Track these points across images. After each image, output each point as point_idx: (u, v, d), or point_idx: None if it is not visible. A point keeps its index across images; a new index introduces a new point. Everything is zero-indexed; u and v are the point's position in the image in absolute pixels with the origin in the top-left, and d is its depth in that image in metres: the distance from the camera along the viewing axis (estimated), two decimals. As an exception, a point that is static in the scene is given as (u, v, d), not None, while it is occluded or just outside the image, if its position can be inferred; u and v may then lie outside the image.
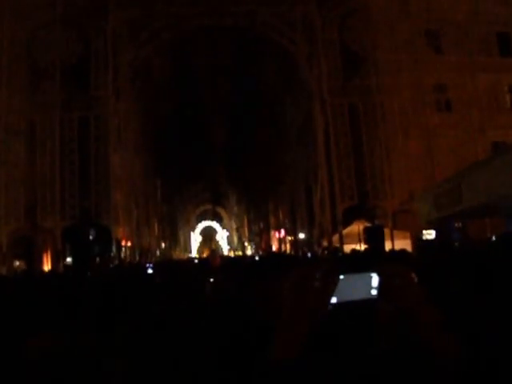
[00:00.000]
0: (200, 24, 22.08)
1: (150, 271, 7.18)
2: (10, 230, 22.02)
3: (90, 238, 21.95)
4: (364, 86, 22.10)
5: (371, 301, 1.25)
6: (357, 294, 1.23)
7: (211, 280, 4.82)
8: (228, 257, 22.50)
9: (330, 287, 1.21)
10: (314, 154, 23.05)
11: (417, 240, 18.48)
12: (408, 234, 20.87)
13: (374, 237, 17.06)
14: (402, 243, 17.34)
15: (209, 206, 50.09)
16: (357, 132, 22.22)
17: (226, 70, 24.18)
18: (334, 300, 1.21)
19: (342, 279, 1.21)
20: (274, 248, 30.08)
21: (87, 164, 22.01)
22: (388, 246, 18.37)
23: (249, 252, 39.34)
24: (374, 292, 1.24)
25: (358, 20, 22.22)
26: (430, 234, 18.24)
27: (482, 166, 13.34)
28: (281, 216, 30.99)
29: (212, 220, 53.30)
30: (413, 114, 22.24)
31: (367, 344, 1.40)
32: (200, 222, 54.03)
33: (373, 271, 1.25)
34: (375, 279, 1.25)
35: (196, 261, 15.18)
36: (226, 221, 53.05)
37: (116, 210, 21.97)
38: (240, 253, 37.43)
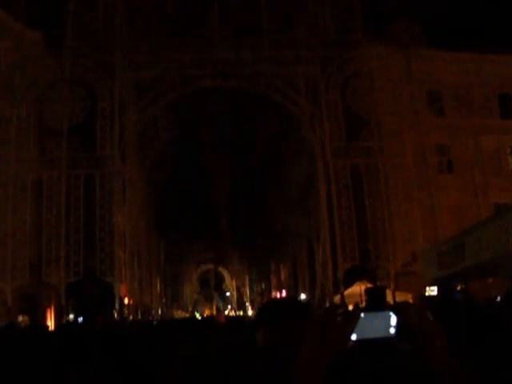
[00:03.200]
0: (204, 85, 23.26)
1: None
2: (15, 285, 22.96)
3: (93, 294, 22.96)
4: (367, 147, 23.11)
5: (390, 339, 1.31)
6: (376, 332, 1.31)
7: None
8: (231, 316, 23.40)
9: (352, 324, 1.33)
10: (317, 215, 24.01)
11: (419, 298, 19.25)
12: (410, 296, 21.62)
13: (375, 298, 17.93)
14: (404, 305, 18.10)
15: (211, 266, 51.00)
16: (359, 193, 23.15)
17: (230, 130, 25.32)
18: (354, 337, 1.32)
19: (363, 317, 1.32)
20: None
21: (92, 221, 23.06)
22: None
23: (250, 312, 40.07)
24: (392, 330, 1.31)
25: (361, 82, 23.29)
26: (432, 291, 18.99)
27: (484, 225, 14.16)
28: (282, 276, 31.85)
29: (214, 284, 53.58)
30: (415, 175, 23.19)
31: (386, 379, 1.46)
32: (202, 281, 54.42)
33: (392, 310, 1.35)
34: (394, 318, 1.33)
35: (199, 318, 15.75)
36: (227, 280, 53.91)
37: (119, 267, 22.97)
38: (241, 313, 38.18)
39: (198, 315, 29.62)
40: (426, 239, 22.38)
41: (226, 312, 39.01)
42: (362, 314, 1.38)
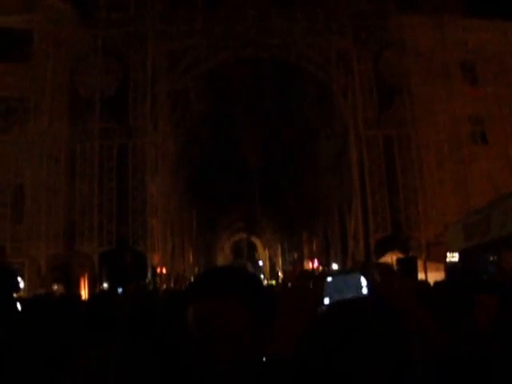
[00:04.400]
0: (236, 56, 23.56)
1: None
2: (49, 255, 23.58)
3: (127, 263, 23.51)
4: (399, 117, 23.29)
5: (362, 299, 1.36)
6: (347, 294, 1.35)
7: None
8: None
9: (320, 289, 1.42)
10: (348, 185, 24.30)
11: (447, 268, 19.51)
12: (442, 266, 21.86)
13: (406, 269, 18.18)
14: (436, 275, 18.39)
15: (243, 235, 51.59)
16: (391, 163, 23.37)
17: (261, 101, 25.60)
18: (326, 301, 1.34)
19: (331, 281, 1.31)
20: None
21: (125, 191, 23.56)
22: (421, 277, 19.47)
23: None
24: (363, 291, 1.36)
25: (393, 52, 23.43)
26: (453, 257, 19.21)
27: (510, 196, 14.33)
28: (314, 246, 32.25)
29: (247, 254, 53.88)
30: (448, 146, 23.32)
31: (360, 339, 1.48)
32: (235, 251, 54.84)
33: (359, 272, 1.41)
34: (363, 279, 1.38)
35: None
36: (260, 250, 54.48)
37: (152, 237, 23.46)
38: (273, 282, 38.81)
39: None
40: (458, 210, 22.48)
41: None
42: (329, 278, 1.27)
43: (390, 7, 23.54)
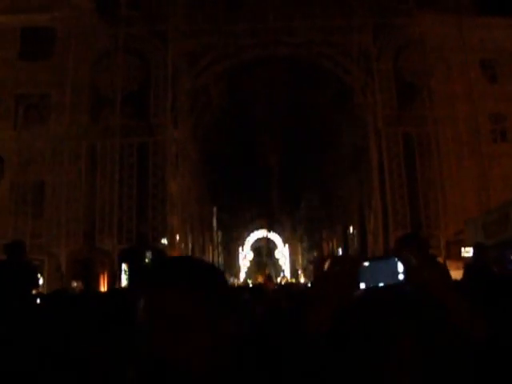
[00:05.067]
0: (256, 54, 23.85)
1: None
2: (69, 251, 23.83)
3: (146, 260, 23.70)
4: (419, 115, 23.46)
5: (399, 285, 1.33)
6: (384, 280, 1.33)
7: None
8: (281, 284, 24.00)
9: (355, 273, 1.31)
10: (368, 183, 24.47)
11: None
12: (461, 264, 21.88)
13: (440, 266, 18.33)
14: (456, 273, 18.48)
15: (263, 233, 51.79)
16: (411, 161, 23.53)
17: (281, 98, 25.86)
18: (362, 286, 1.32)
19: (368, 266, 1.32)
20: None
21: (145, 189, 23.80)
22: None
23: (302, 280, 40.87)
24: (400, 277, 1.32)
25: (413, 50, 23.63)
26: (467, 252, 19.34)
27: None
28: (334, 244, 32.40)
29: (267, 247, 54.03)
30: (468, 144, 23.46)
31: (393, 324, 1.47)
32: (255, 249, 55.00)
33: (397, 257, 1.33)
34: (401, 265, 1.33)
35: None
36: (280, 248, 54.69)
37: (172, 234, 23.68)
38: (293, 280, 38.96)
39: (249, 282, 30.31)
40: (478, 208, 22.60)
41: (279, 279, 39.85)
42: (366, 263, 1.35)
43: (410, 6, 23.80)
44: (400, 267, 1.35)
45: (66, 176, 23.68)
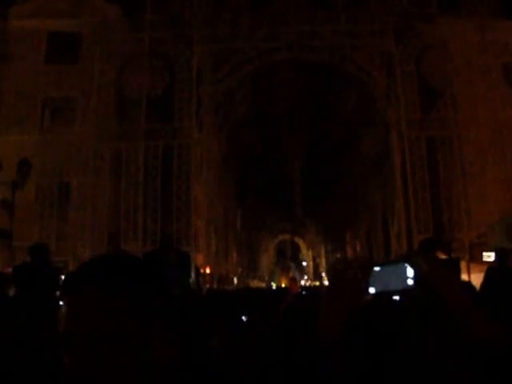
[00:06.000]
0: (280, 58, 24.29)
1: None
2: (94, 254, 24.21)
3: (171, 263, 24.12)
4: (441, 118, 23.79)
5: (409, 290, 1.33)
6: (394, 285, 1.33)
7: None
8: (305, 286, 24.34)
9: (365, 278, 1.32)
10: (391, 186, 24.81)
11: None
12: (485, 268, 22.14)
13: (450, 270, 18.63)
14: (479, 276, 18.75)
15: (287, 236, 52.28)
16: (434, 164, 23.84)
17: (304, 102, 26.29)
18: (372, 290, 1.32)
19: (378, 271, 1.33)
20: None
21: (169, 191, 24.22)
22: (465, 279, 19.88)
23: (325, 282, 41.29)
24: (410, 282, 1.32)
25: (435, 54, 23.96)
26: (489, 257, 19.60)
27: None
28: (358, 247, 32.78)
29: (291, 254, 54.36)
30: (490, 147, 23.74)
31: (405, 329, 1.51)
32: (279, 251, 55.50)
33: (407, 262, 1.34)
34: (410, 270, 1.33)
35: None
36: (303, 251, 55.17)
37: (196, 237, 24.07)
38: (317, 283, 39.32)
39: (273, 285, 30.67)
40: (501, 211, 22.86)
41: (303, 282, 40.16)
42: (377, 268, 1.36)
43: (432, 9, 24.14)
44: (409, 272, 1.34)
45: (90, 178, 24.13)
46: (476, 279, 18.48)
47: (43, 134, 24.26)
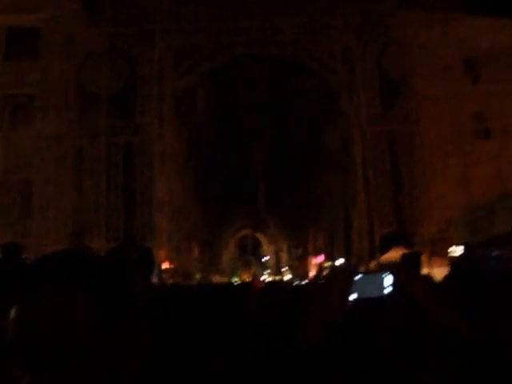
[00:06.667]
0: (241, 54, 24.35)
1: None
2: (57, 249, 24.20)
3: (133, 259, 24.23)
4: (403, 114, 24.04)
5: (385, 298, 1.45)
6: (372, 292, 1.45)
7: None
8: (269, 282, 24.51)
9: (348, 286, 1.41)
10: (353, 181, 25.05)
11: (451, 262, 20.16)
12: (446, 262, 22.45)
13: (411, 264, 18.91)
14: (440, 270, 19.01)
15: (249, 231, 52.53)
16: (395, 159, 24.10)
17: (266, 97, 26.39)
18: (353, 297, 1.43)
19: (358, 279, 1.44)
20: (313, 273, 32.07)
21: (132, 188, 24.31)
22: (425, 272, 20.18)
23: (287, 277, 41.62)
24: (386, 291, 1.44)
25: (397, 49, 24.17)
26: (455, 252, 19.89)
27: None
28: (320, 242, 33.06)
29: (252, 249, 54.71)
30: (451, 142, 24.01)
31: (381, 333, 1.61)
32: (240, 247, 55.76)
33: (385, 272, 1.45)
34: (387, 279, 1.45)
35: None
36: (265, 246, 55.49)
37: (159, 233, 24.18)
38: (278, 278, 39.63)
39: (235, 280, 30.91)
40: (462, 205, 23.15)
41: (264, 277, 40.55)
42: (358, 276, 1.46)
43: (394, 4, 24.28)
44: (386, 282, 1.45)
45: (53, 176, 24.10)
46: (437, 273, 18.75)
47: (3, 131, 24.15)
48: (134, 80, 24.36)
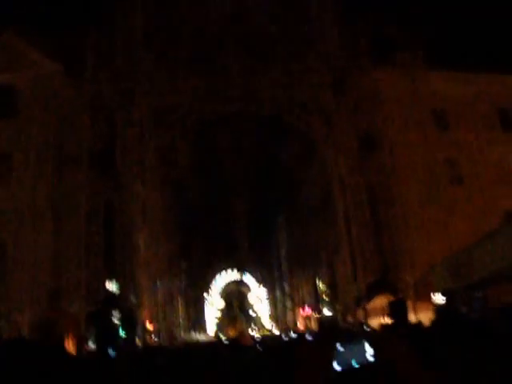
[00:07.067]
0: (221, 110, 24.95)
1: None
2: (33, 314, 23.18)
3: (115, 321, 23.34)
4: (379, 164, 24.92)
5: (369, 365, 1.47)
6: (355, 360, 1.46)
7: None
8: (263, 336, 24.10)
9: (329, 356, 1.43)
10: (335, 231, 25.43)
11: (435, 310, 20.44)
12: (431, 306, 22.74)
13: (397, 311, 19.05)
14: (426, 315, 19.24)
15: (233, 285, 51.85)
16: (375, 208, 24.71)
17: (247, 151, 26.92)
18: (337, 367, 1.43)
19: (341, 351, 1.45)
20: (300, 325, 31.74)
21: (113, 247, 23.80)
22: (412, 318, 20.36)
23: (274, 330, 40.91)
24: (370, 358, 1.46)
25: (370, 104, 25.34)
26: (437, 298, 20.21)
27: (491, 236, 15.60)
28: (306, 293, 32.97)
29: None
30: (427, 189, 24.96)
31: None
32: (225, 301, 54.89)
33: (364, 340, 1.49)
34: (368, 348, 1.47)
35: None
36: (250, 300, 54.67)
37: (141, 292, 23.56)
38: (266, 331, 38.85)
39: (222, 337, 30.03)
40: (441, 249, 23.73)
41: (251, 332, 39.46)
42: (340, 348, 1.49)
43: (366, 62, 25.67)
44: (368, 349, 1.49)
45: (30, 237, 23.40)
46: (423, 317, 18.92)
47: (-22, 191, 23.50)
48: (115, 139, 24.41)
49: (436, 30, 26.59)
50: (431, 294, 20.96)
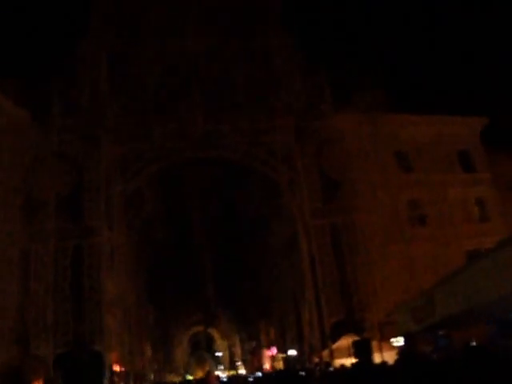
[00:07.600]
0: (186, 156, 25.57)
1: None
2: (0, 359, 23.42)
3: (83, 364, 23.68)
4: (343, 206, 25.49)
5: None
6: None
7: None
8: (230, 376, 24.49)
9: None
10: (300, 273, 25.93)
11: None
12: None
13: (362, 350, 19.49)
14: (391, 354, 19.73)
15: (201, 328, 52.21)
16: (339, 249, 25.25)
17: (213, 196, 27.50)
18: None
19: None
20: (267, 366, 32.09)
21: (81, 291, 24.19)
22: (377, 357, 20.85)
23: (241, 371, 41.18)
24: None
25: (333, 147, 26.01)
26: (398, 342, 20.71)
27: (452, 277, 16.12)
28: (272, 334, 33.36)
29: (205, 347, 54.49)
30: (390, 230, 25.53)
31: None
32: (193, 343, 55.35)
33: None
34: None
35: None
36: (218, 341, 55.02)
37: (109, 335, 23.95)
38: (233, 372, 39.13)
39: (190, 378, 30.34)
40: (405, 289, 24.29)
41: (218, 372, 39.74)
42: None
43: (327, 107, 26.40)
44: None
45: (-3, 282, 23.69)
46: (388, 356, 19.37)
47: None
48: (82, 184, 24.94)
49: (397, 73, 27.38)
50: (392, 339, 21.52)
